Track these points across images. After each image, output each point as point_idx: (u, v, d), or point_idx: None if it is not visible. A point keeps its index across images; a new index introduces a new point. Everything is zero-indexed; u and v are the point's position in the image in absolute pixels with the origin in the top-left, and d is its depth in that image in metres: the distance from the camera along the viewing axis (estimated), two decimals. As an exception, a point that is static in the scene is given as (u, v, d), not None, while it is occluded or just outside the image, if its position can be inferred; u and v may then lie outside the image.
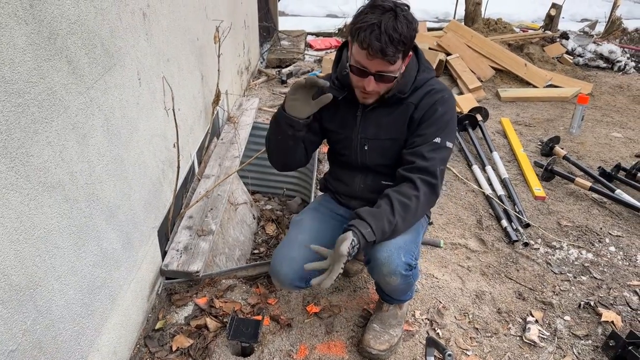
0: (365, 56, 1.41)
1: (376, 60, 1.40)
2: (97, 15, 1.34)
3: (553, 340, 1.88)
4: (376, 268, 1.55)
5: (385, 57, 1.38)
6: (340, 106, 1.68)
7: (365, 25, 1.37)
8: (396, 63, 1.43)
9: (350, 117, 1.68)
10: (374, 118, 1.64)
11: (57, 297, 1.18)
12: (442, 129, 1.56)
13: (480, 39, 5.19)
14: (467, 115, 3.71)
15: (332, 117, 1.71)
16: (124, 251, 1.56)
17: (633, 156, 3.43)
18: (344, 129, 1.70)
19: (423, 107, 1.57)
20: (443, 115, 1.57)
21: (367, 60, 1.41)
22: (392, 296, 1.77)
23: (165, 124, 1.92)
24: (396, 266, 1.52)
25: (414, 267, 1.59)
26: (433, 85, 1.60)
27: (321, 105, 1.57)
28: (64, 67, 1.17)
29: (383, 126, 1.64)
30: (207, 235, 2.04)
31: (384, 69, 1.43)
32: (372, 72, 1.44)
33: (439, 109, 1.56)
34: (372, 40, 1.35)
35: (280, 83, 4.74)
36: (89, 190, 1.31)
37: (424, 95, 1.58)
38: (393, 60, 1.40)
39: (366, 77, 1.45)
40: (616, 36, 6.35)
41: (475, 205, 2.79)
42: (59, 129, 1.16)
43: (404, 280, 1.57)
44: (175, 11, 2.10)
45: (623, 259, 2.36)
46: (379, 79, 1.45)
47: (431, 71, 1.64)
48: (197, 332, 1.77)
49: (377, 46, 1.35)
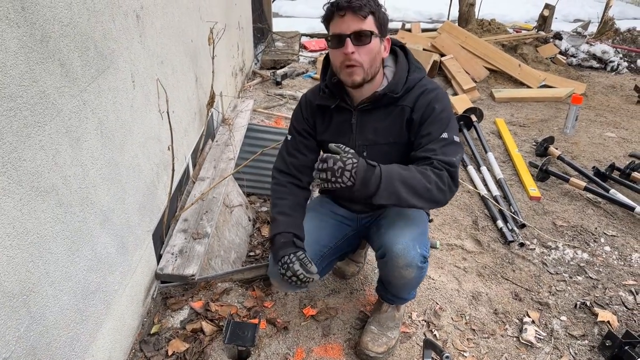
0: (337, 20, 1.45)
1: (347, 17, 1.42)
2: (90, 17, 1.32)
3: (550, 341, 1.88)
4: (391, 261, 1.53)
5: (353, 9, 1.41)
6: (333, 115, 1.66)
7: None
8: (368, 20, 1.44)
9: (345, 124, 1.66)
10: (370, 123, 1.62)
11: (51, 303, 1.17)
12: (445, 125, 1.54)
13: (474, 39, 5.20)
14: (461, 115, 3.71)
15: (327, 127, 1.69)
16: (118, 255, 1.54)
17: (627, 156, 3.45)
18: (341, 137, 1.67)
19: (420, 108, 1.56)
20: (442, 112, 1.55)
21: (340, 23, 1.44)
22: (399, 294, 1.74)
23: (159, 127, 1.91)
24: (412, 257, 1.51)
25: (427, 259, 1.58)
26: (425, 85, 1.59)
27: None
28: (57, 70, 1.16)
29: (380, 130, 1.62)
30: (202, 238, 2.02)
31: (358, 27, 1.43)
32: (347, 34, 1.44)
33: (436, 106, 1.55)
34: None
35: (274, 84, 4.73)
36: (83, 194, 1.30)
37: (418, 96, 1.57)
38: (363, 13, 1.42)
39: (343, 42, 1.45)
40: (609, 36, 6.39)
41: (471, 206, 2.79)
42: (52, 133, 1.15)
43: (419, 273, 1.56)
44: (169, 13, 2.09)
45: (618, 258, 2.37)
46: (357, 40, 1.44)
47: (422, 71, 1.63)
48: (193, 336, 1.76)
49: (346, 1, 1.40)
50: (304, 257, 1.55)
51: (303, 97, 1.76)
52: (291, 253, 1.55)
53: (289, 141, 1.75)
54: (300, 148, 1.72)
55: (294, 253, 1.55)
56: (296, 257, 1.54)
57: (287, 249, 1.57)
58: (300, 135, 1.73)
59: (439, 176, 1.45)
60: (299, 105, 1.75)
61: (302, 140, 1.72)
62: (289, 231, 1.61)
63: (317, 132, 1.72)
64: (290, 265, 1.53)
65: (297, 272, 1.52)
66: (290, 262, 1.53)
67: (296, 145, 1.73)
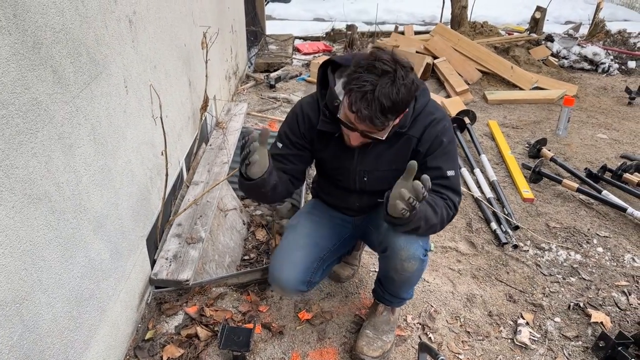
0: (353, 118, 1.36)
1: (364, 124, 1.36)
2: (83, 23, 1.32)
3: (544, 342, 1.89)
4: (394, 253, 1.54)
5: (373, 126, 1.35)
6: (333, 138, 1.60)
7: (357, 88, 1.29)
8: (386, 128, 1.39)
9: (346, 150, 1.60)
10: (373, 150, 1.59)
11: (45, 311, 1.16)
12: (450, 159, 1.56)
13: (466, 42, 5.23)
14: (455, 118, 3.73)
15: (325, 148, 1.64)
16: (112, 261, 1.54)
17: (618, 157, 3.48)
18: (340, 161, 1.64)
19: (427, 140, 1.54)
20: (448, 145, 1.56)
21: (355, 122, 1.38)
22: (397, 293, 1.74)
23: (152, 132, 1.90)
24: (415, 250, 1.53)
25: (427, 253, 1.60)
26: (433, 113, 1.56)
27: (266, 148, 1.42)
28: (49, 76, 1.15)
29: (383, 158, 1.60)
30: (196, 243, 2.02)
31: (372, 131, 1.39)
32: (359, 130, 1.40)
33: (444, 140, 1.55)
34: (361, 107, 1.29)
35: (268, 87, 4.73)
36: (76, 201, 1.29)
37: (426, 127, 1.54)
38: (382, 127, 1.37)
39: (353, 131, 1.41)
40: (600, 38, 6.44)
41: (465, 208, 2.80)
42: (45, 140, 1.14)
43: (421, 266, 1.58)
44: (162, 17, 2.08)
45: (611, 259, 2.39)
46: (366, 136, 1.42)
47: (426, 93, 1.57)
48: (187, 341, 1.76)
49: (366, 115, 1.30)
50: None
51: (299, 108, 1.65)
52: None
53: (279, 149, 1.66)
54: (291, 159, 1.66)
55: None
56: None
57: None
58: (295, 148, 1.65)
59: (447, 211, 1.53)
60: (294, 117, 1.65)
61: (296, 152, 1.66)
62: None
63: (314, 150, 1.67)
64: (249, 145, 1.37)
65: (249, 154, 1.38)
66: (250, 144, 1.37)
67: (287, 155, 1.66)
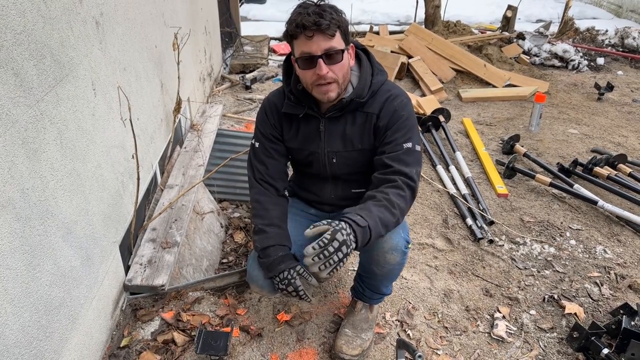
0: (305, 40, 1.42)
1: (316, 37, 1.40)
2: (46, 25, 1.29)
3: (520, 335, 1.92)
4: (377, 244, 1.55)
5: (321, 28, 1.39)
6: (300, 122, 1.66)
7: (293, 17, 1.43)
8: (336, 37, 1.43)
9: (313, 132, 1.66)
10: (338, 130, 1.63)
11: (11, 321, 1.12)
12: (409, 132, 1.58)
13: (440, 41, 5.29)
14: (430, 116, 3.76)
15: (295, 134, 1.69)
16: (83, 268, 1.50)
17: (589, 151, 3.56)
18: (309, 145, 1.68)
19: (386, 115, 1.58)
20: (407, 120, 1.58)
21: (309, 43, 1.42)
22: (378, 288, 1.75)
23: (123, 135, 1.87)
24: (397, 241, 1.55)
25: (409, 246, 1.62)
26: (390, 90, 1.61)
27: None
28: (10, 79, 1.12)
29: (348, 138, 1.63)
30: (171, 247, 1.99)
31: (328, 46, 1.42)
32: (319, 55, 1.43)
33: (402, 113, 1.58)
34: (303, 19, 1.39)
35: (244, 89, 4.70)
36: (43, 207, 1.26)
37: (384, 103, 1.59)
38: (331, 32, 1.41)
39: (315, 63, 1.44)
40: (569, 36, 6.59)
41: (441, 205, 2.83)
42: (7, 145, 1.11)
43: (402, 258, 1.59)
44: (131, 19, 2.05)
45: (583, 251, 2.44)
46: (328, 59, 1.44)
47: (384, 73, 1.65)
48: (164, 347, 1.73)
49: (310, 20, 1.38)
50: (303, 272, 1.57)
51: (266, 101, 1.73)
52: (291, 268, 1.56)
53: (257, 148, 1.72)
54: (271, 154, 1.71)
55: (294, 268, 1.57)
56: (296, 272, 1.57)
57: (286, 262, 1.57)
58: (269, 141, 1.71)
59: (403, 199, 1.50)
60: (262, 110, 1.72)
61: (272, 145, 1.71)
62: (284, 244, 1.62)
63: (285, 139, 1.71)
64: (292, 280, 1.55)
65: (298, 288, 1.55)
66: (292, 278, 1.55)
67: (265, 151, 1.71)
